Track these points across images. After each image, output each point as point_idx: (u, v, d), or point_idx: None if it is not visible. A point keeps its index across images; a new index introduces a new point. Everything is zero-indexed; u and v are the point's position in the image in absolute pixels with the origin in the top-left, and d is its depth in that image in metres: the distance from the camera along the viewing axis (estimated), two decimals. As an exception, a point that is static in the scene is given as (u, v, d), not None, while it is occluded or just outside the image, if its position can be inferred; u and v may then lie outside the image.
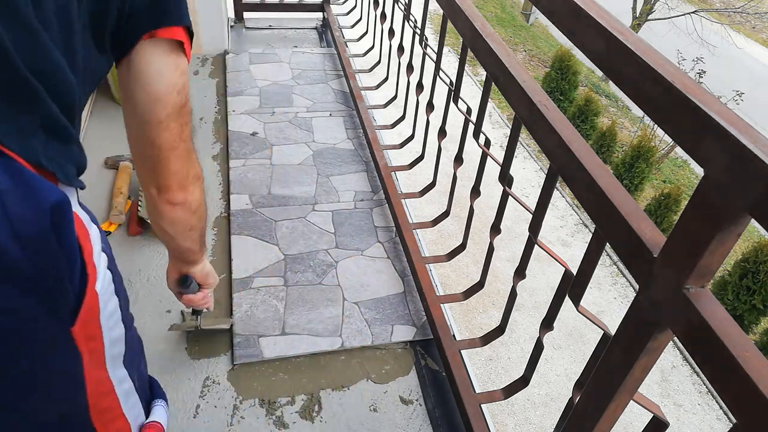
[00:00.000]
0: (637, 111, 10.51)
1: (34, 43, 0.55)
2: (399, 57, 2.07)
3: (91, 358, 0.69)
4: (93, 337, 0.68)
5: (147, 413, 0.94)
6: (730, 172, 0.53)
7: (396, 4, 2.11)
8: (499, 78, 1.11)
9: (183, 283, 1.04)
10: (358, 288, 1.62)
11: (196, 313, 1.32)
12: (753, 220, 0.53)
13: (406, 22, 1.94)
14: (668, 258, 0.63)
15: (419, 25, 1.81)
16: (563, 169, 0.88)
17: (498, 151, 7.45)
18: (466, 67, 1.93)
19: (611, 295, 6.44)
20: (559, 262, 1.04)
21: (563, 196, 7.65)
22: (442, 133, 1.64)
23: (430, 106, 1.75)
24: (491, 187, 2.17)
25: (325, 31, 3.03)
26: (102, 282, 0.67)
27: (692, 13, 12.56)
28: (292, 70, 2.62)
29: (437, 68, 1.62)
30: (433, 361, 1.47)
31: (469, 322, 5.73)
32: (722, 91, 8.68)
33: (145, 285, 1.54)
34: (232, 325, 1.45)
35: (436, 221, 1.73)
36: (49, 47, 0.56)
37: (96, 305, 0.66)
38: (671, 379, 5.68)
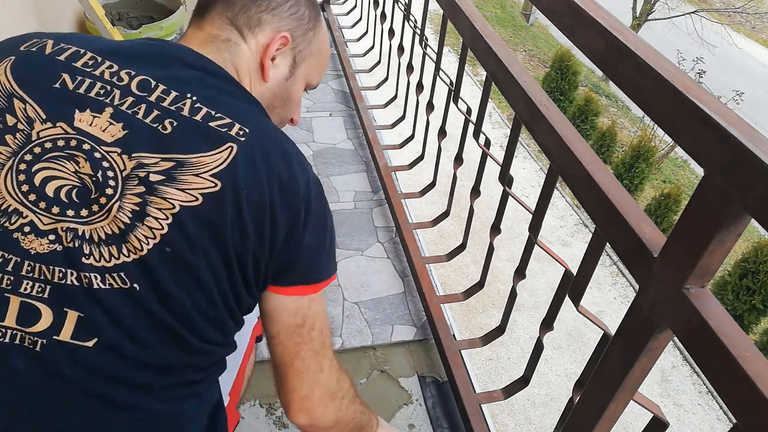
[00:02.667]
0: (637, 111, 10.51)
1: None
2: (399, 57, 2.07)
3: None
4: None
5: None
6: (730, 172, 0.53)
7: (396, 4, 2.11)
8: (499, 78, 1.11)
9: None
10: (358, 288, 1.62)
11: None
12: (753, 220, 0.53)
13: (406, 22, 1.94)
14: (668, 258, 0.63)
15: (419, 25, 1.81)
16: (563, 169, 0.88)
17: (498, 151, 7.45)
18: (466, 67, 1.93)
19: (611, 295, 6.44)
20: (559, 262, 1.04)
21: (563, 196, 7.65)
22: (442, 133, 1.64)
23: (430, 106, 1.75)
24: (491, 187, 2.17)
25: (325, 31, 3.03)
26: None
27: (692, 13, 12.56)
28: (292, 70, 2.62)
29: (437, 68, 1.62)
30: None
31: (469, 322, 5.73)
32: (722, 91, 8.69)
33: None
34: None
35: (436, 221, 1.73)
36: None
37: None
38: (671, 379, 5.68)
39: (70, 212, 0.61)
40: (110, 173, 0.62)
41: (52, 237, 0.60)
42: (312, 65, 0.85)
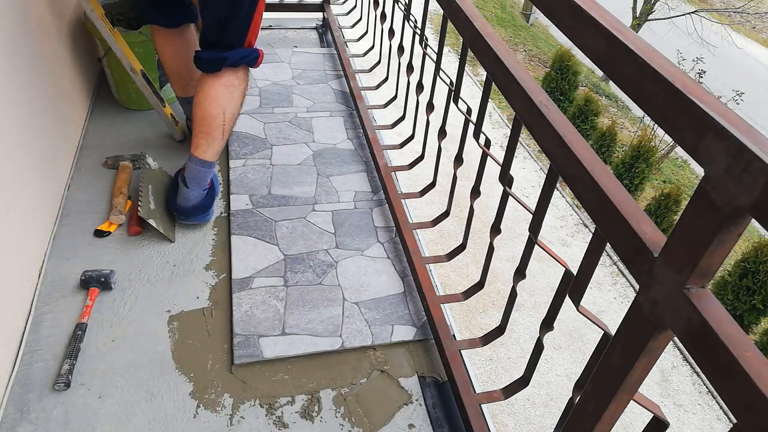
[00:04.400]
0: (637, 111, 10.51)
1: None
2: (399, 57, 2.07)
3: None
4: None
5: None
6: (730, 172, 0.53)
7: (396, 4, 2.11)
8: (499, 78, 1.11)
9: None
10: (358, 288, 1.62)
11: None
12: (753, 220, 0.53)
13: (406, 22, 1.94)
14: (668, 258, 0.63)
15: (419, 25, 1.81)
16: (563, 169, 0.88)
17: (498, 151, 7.45)
18: (466, 67, 1.93)
19: (611, 295, 6.44)
20: (559, 262, 1.04)
21: (563, 196, 7.65)
22: (442, 133, 1.64)
23: (430, 106, 1.75)
24: (491, 187, 2.17)
25: (325, 31, 3.03)
26: None
27: (692, 13, 12.56)
28: (292, 70, 2.62)
29: (437, 68, 1.62)
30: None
31: (469, 322, 5.73)
32: (722, 91, 8.69)
33: (145, 285, 1.54)
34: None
35: (436, 221, 1.73)
36: None
37: None
38: (671, 379, 5.68)
39: None
40: None
41: None
42: None
